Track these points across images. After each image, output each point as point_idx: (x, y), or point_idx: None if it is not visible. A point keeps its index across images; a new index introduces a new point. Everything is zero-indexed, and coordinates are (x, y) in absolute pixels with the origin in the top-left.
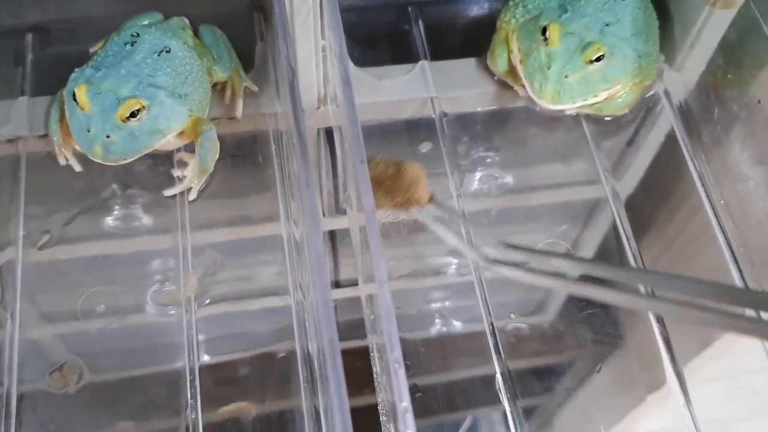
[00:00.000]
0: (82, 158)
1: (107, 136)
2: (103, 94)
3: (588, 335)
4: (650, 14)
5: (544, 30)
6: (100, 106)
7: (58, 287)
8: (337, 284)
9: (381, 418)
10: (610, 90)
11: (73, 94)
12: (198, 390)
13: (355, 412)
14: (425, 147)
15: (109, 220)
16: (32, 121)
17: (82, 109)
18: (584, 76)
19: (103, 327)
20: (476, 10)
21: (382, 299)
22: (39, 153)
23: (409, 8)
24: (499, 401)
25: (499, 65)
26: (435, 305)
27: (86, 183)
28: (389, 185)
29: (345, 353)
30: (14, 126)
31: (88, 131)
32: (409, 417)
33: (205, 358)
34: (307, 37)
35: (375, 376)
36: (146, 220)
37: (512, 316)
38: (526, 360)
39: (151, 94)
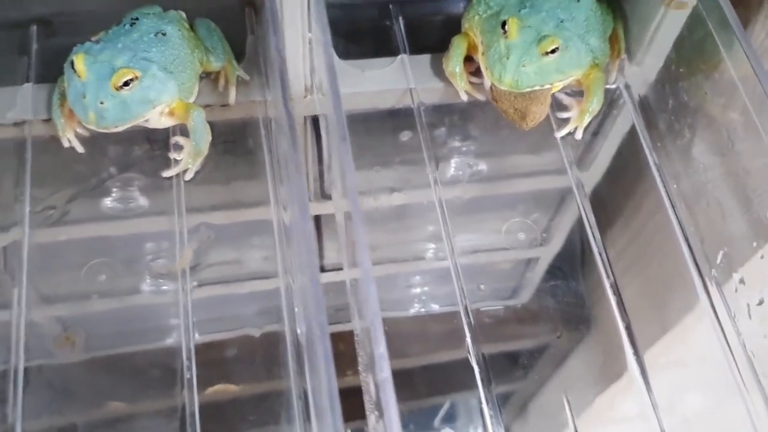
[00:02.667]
0: (84, 141)
1: (101, 103)
2: (99, 64)
3: (557, 318)
4: (602, 15)
5: (503, 24)
6: (95, 75)
7: (61, 265)
8: (321, 269)
9: (365, 399)
10: (564, 81)
11: (72, 63)
12: (194, 367)
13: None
14: (405, 136)
15: (109, 201)
16: (37, 106)
17: (79, 77)
18: (540, 67)
19: (104, 301)
20: (452, 8)
21: (364, 283)
22: (43, 136)
23: (390, 6)
24: (472, 385)
25: (450, 65)
26: (414, 290)
27: (88, 165)
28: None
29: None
30: (20, 110)
31: (84, 98)
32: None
33: (197, 339)
34: (295, 31)
35: (359, 359)
36: (144, 200)
37: (482, 287)
38: (497, 344)
39: (144, 66)
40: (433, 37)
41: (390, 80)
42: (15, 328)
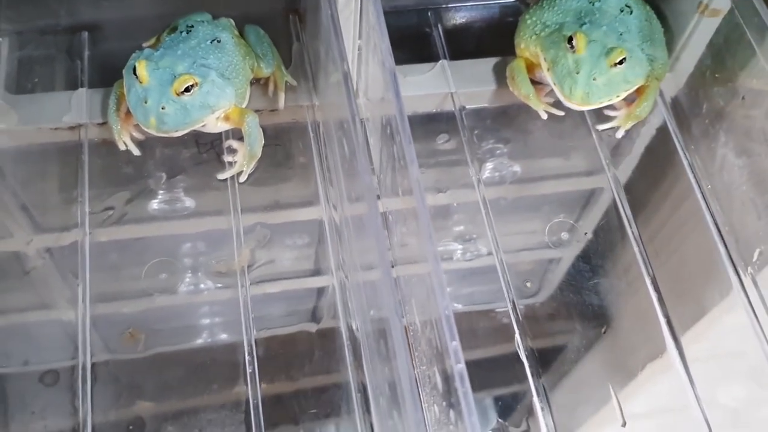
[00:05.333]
0: (139, 144)
1: (162, 108)
2: (161, 70)
3: (590, 305)
4: (655, 24)
5: (570, 39)
6: (157, 81)
7: (121, 263)
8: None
9: (426, 391)
10: (629, 90)
11: (134, 69)
12: (255, 362)
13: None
14: (442, 138)
15: (165, 202)
16: (91, 110)
17: (140, 82)
18: (609, 78)
19: (165, 298)
20: (489, 15)
21: (436, 275)
22: (98, 139)
23: (429, 13)
24: (521, 379)
25: (523, 89)
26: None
27: (142, 167)
28: None
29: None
30: (75, 114)
31: (145, 102)
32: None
33: (256, 335)
34: (347, 38)
35: (416, 353)
36: (200, 201)
37: (528, 284)
38: (542, 339)
39: (204, 73)
40: (471, 43)
41: (431, 85)
42: (81, 325)
